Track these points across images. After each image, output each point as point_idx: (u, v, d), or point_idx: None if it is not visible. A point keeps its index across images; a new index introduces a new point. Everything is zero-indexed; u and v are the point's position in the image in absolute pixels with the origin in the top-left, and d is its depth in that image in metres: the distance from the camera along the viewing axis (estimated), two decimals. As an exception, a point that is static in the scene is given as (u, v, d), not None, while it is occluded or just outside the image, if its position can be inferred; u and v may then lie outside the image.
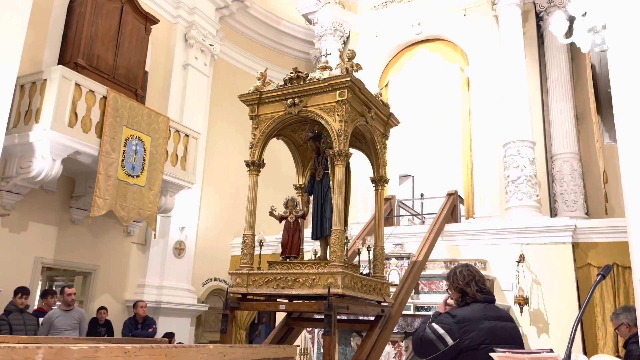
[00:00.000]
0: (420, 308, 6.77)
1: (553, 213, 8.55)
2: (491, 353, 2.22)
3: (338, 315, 3.94)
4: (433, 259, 7.24)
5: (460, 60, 9.78)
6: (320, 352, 7.04)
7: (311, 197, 4.77)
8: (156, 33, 9.21)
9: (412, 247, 7.06)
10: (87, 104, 7.21)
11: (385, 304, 4.64)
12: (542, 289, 7.39)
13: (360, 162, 5.62)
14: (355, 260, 4.75)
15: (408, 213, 11.02)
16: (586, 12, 4.91)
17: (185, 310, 9.44)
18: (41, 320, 6.63)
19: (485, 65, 9.29)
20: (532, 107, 8.75)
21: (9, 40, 6.21)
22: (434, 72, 10.39)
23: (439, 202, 8.84)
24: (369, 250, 4.63)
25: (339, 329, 6.19)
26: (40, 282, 8.29)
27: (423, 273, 6.62)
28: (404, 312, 5.68)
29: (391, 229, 7.77)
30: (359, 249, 4.80)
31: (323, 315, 3.78)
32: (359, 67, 4.27)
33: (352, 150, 4.31)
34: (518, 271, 7.44)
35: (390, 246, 7.14)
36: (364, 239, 4.90)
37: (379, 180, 4.85)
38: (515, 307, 7.25)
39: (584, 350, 7.01)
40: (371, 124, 4.61)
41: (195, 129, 9.45)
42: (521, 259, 7.48)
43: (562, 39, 5.40)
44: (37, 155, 6.83)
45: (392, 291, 5.11)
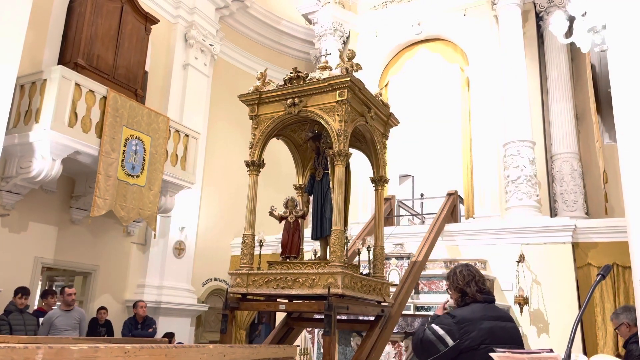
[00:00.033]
0: (420, 308, 6.77)
1: (553, 213, 8.55)
2: (491, 353, 2.22)
3: (338, 315, 3.93)
4: (433, 259, 7.24)
5: (460, 60, 9.78)
6: (320, 352, 7.04)
7: (311, 197, 4.76)
8: (156, 33, 9.22)
9: (412, 247, 7.06)
10: (87, 104, 7.21)
11: (385, 304, 4.64)
12: (542, 289, 7.39)
13: (360, 162, 5.62)
14: (355, 260, 4.74)
15: (408, 213, 11.02)
16: (586, 12, 4.91)
17: (185, 310, 9.44)
18: (41, 320, 6.63)
19: (485, 65, 9.29)
20: (532, 107, 8.75)
21: (8, 40, 6.21)
22: (434, 72, 10.39)
23: (439, 202, 8.84)
24: (369, 250, 4.63)
25: (339, 329, 6.19)
26: (40, 282, 8.29)
27: (423, 273, 6.62)
28: (404, 312, 5.68)
29: (391, 229, 7.77)
30: (359, 249, 4.80)
31: (323, 315, 3.78)
32: (358, 67, 4.27)
33: (352, 150, 4.31)
34: (518, 271, 7.44)
35: (390, 246, 7.14)
36: (364, 239, 4.90)
37: (378, 180, 4.85)
38: (515, 307, 7.25)
39: (584, 350, 7.01)
40: (371, 124, 4.61)
41: (195, 129, 9.45)
42: (521, 258, 7.49)
43: (562, 39, 5.40)
44: (37, 155, 6.83)
45: (392, 291, 5.12)
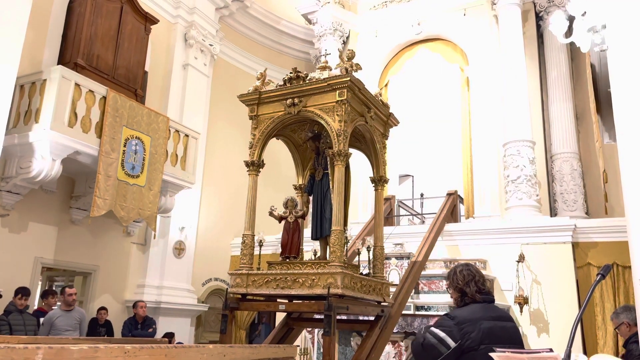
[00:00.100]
0: (420, 308, 6.76)
1: (553, 213, 8.55)
2: (491, 353, 2.22)
3: (338, 316, 3.93)
4: (433, 259, 7.24)
5: (460, 60, 9.78)
6: (320, 352, 7.04)
7: (311, 197, 4.77)
8: (156, 33, 9.21)
9: (412, 247, 7.06)
10: (86, 104, 7.21)
11: (385, 304, 4.64)
12: (542, 289, 7.39)
13: (360, 162, 5.62)
14: (355, 260, 4.75)
15: (408, 213, 11.01)
16: (586, 11, 4.91)
17: (185, 310, 9.44)
18: (42, 320, 6.63)
19: (485, 65, 9.29)
20: (532, 106, 8.75)
21: (8, 40, 6.22)
22: (434, 72, 10.38)
23: (439, 202, 8.84)
24: (369, 250, 4.63)
25: (338, 329, 6.19)
26: (40, 283, 8.29)
27: (423, 273, 6.62)
28: (404, 312, 5.68)
29: (391, 229, 7.76)
30: (359, 249, 4.80)
31: (323, 316, 3.78)
32: (358, 67, 4.27)
33: (351, 150, 4.31)
34: (518, 271, 7.44)
35: (390, 246, 7.14)
36: (363, 239, 4.90)
37: (378, 180, 4.85)
38: (515, 306, 7.25)
39: (584, 349, 7.01)
40: (371, 124, 4.61)
41: (195, 129, 9.45)
42: (521, 258, 7.48)
43: (561, 39, 5.40)
44: (37, 156, 6.83)
45: (392, 291, 5.12)
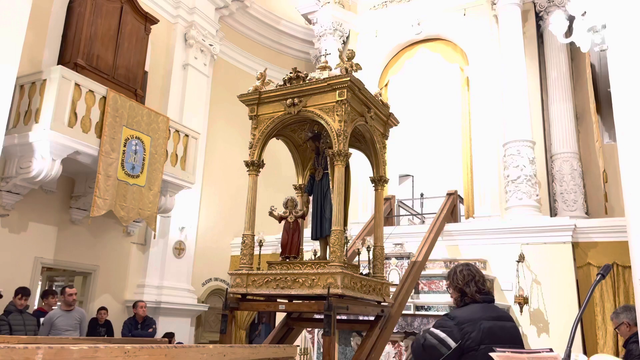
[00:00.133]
0: (420, 308, 6.76)
1: (553, 213, 8.55)
2: (491, 353, 2.22)
3: (338, 316, 3.93)
4: (433, 259, 7.24)
5: (460, 60, 9.78)
6: (320, 352, 7.04)
7: (311, 197, 4.77)
8: (156, 33, 9.21)
9: (412, 246, 7.06)
10: (86, 104, 7.21)
11: (385, 304, 4.64)
12: (542, 289, 7.39)
13: (360, 162, 5.62)
14: (355, 260, 4.74)
15: (408, 213, 11.00)
16: (586, 11, 4.91)
17: (185, 310, 9.44)
18: (42, 320, 6.63)
19: (485, 65, 9.29)
20: (532, 106, 8.75)
21: (8, 40, 6.22)
22: (434, 72, 10.39)
23: (439, 201, 8.83)
24: (369, 250, 4.63)
25: (338, 329, 6.19)
26: (40, 283, 8.29)
27: (423, 273, 6.62)
28: (404, 312, 5.68)
29: (391, 229, 7.76)
30: (359, 249, 4.80)
31: (323, 316, 3.78)
32: (358, 67, 4.27)
33: (351, 150, 4.31)
34: (518, 271, 7.44)
35: (390, 246, 7.14)
36: (363, 239, 4.90)
37: (378, 180, 4.85)
38: (515, 306, 7.25)
39: (584, 349, 7.01)
40: (371, 124, 4.61)
41: (195, 129, 9.45)
42: (521, 258, 7.49)
43: (561, 39, 5.40)
44: (37, 156, 6.83)
45: (392, 291, 5.11)
